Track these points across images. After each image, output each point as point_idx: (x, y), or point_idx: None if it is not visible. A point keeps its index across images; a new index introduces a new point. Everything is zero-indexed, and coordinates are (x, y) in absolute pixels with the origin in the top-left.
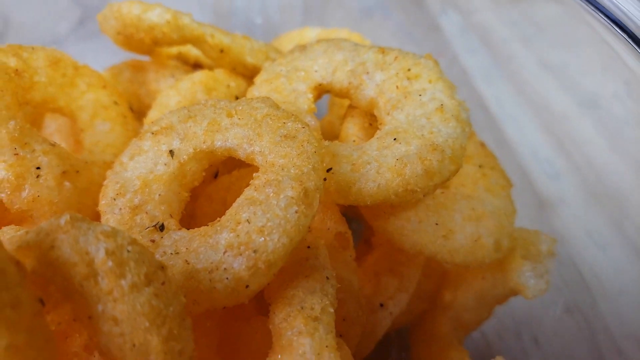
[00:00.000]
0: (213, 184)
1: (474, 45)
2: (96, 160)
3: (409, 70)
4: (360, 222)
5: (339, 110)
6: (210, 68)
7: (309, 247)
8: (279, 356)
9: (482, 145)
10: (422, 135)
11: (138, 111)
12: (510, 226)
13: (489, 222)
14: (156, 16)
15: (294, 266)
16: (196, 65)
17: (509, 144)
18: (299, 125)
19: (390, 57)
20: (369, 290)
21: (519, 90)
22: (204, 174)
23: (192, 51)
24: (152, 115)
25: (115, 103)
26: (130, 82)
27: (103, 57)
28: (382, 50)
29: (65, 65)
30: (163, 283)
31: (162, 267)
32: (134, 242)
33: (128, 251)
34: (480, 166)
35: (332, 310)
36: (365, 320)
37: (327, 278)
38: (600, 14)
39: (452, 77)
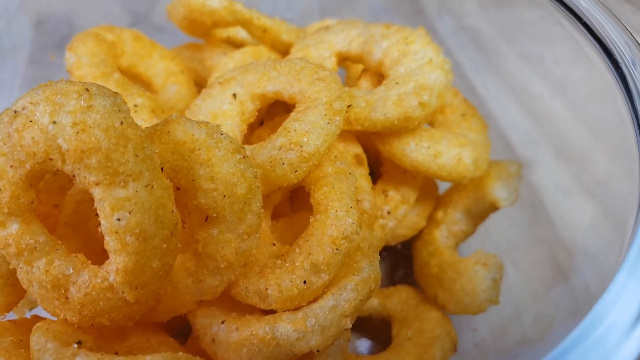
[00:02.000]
0: (261, 128)
1: (465, 43)
2: (173, 106)
3: (406, 38)
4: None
5: (353, 84)
6: None
7: (335, 156)
8: (318, 216)
9: (465, 100)
10: (416, 80)
11: (195, 82)
12: (486, 153)
13: (469, 148)
14: (217, 3)
15: (327, 163)
16: (241, 47)
17: (494, 119)
18: (327, 72)
19: (392, 29)
20: (380, 202)
21: (502, 77)
22: (256, 113)
23: (239, 35)
24: (214, 76)
25: (182, 71)
26: (189, 60)
27: None
28: (387, 26)
29: (144, 41)
30: (244, 157)
31: (243, 147)
32: (221, 129)
33: (220, 134)
34: (463, 115)
35: (353, 189)
36: (377, 214)
37: (350, 174)
38: (569, 15)
39: None
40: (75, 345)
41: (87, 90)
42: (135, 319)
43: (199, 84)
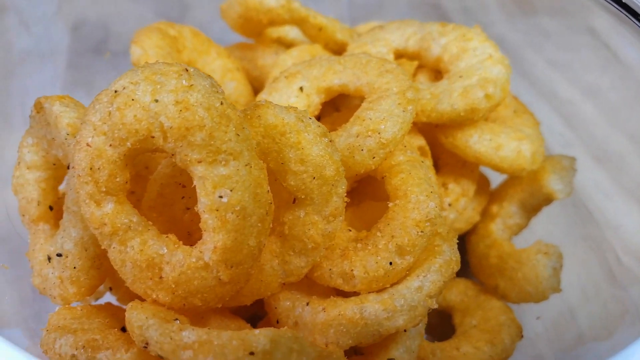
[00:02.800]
0: (321, 121)
1: None
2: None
3: (464, 35)
4: None
5: None
6: None
7: (405, 145)
8: (397, 201)
9: (515, 97)
10: (480, 73)
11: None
12: (541, 147)
13: (527, 141)
14: (274, 1)
15: (399, 152)
16: (291, 47)
17: None
18: (394, 65)
19: (449, 27)
20: (440, 194)
21: (532, 84)
22: (320, 106)
23: (289, 35)
24: (274, 72)
25: (237, 69)
26: (240, 59)
27: None
28: (443, 24)
29: (202, 37)
30: (331, 140)
31: (328, 131)
32: (308, 114)
33: (309, 118)
34: (515, 111)
35: (430, 175)
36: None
37: (422, 161)
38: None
39: None
40: (178, 321)
41: (187, 70)
42: (224, 300)
43: (251, 83)
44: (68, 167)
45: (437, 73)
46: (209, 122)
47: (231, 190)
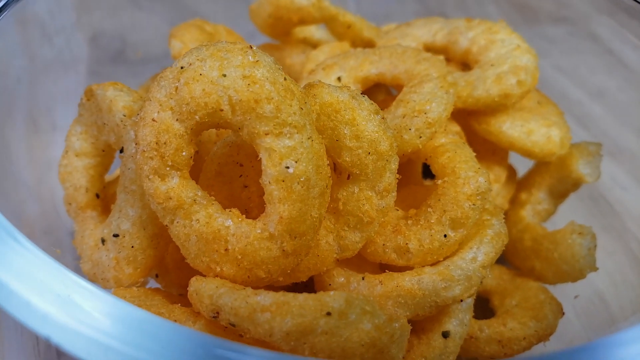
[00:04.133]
0: None
1: None
2: None
3: (490, 28)
4: None
5: None
6: None
7: (445, 129)
8: (446, 178)
9: (538, 90)
10: (510, 61)
11: None
12: (568, 133)
13: (555, 127)
14: (305, 0)
15: (441, 135)
16: (317, 47)
17: None
18: (429, 54)
19: (475, 22)
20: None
21: (541, 87)
22: None
23: (314, 35)
24: (308, 67)
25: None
26: None
27: None
28: (468, 20)
29: (235, 35)
30: (383, 117)
31: (380, 109)
32: (361, 93)
33: (362, 96)
34: (539, 102)
35: (474, 154)
36: None
37: (464, 143)
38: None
39: None
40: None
41: (251, 47)
42: (286, 273)
43: None
44: (121, 151)
45: (464, 66)
46: (276, 96)
47: (296, 162)
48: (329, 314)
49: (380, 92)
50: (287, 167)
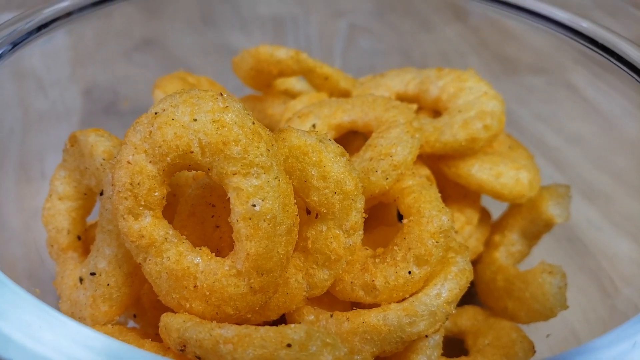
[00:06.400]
0: None
1: None
2: None
3: (460, 76)
4: None
5: None
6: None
7: (413, 172)
8: (411, 218)
9: (509, 135)
10: (477, 107)
11: None
12: (537, 176)
13: (524, 170)
14: (284, 53)
15: (408, 177)
16: (297, 97)
17: None
18: (398, 102)
19: (445, 71)
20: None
21: (520, 133)
22: None
23: (295, 87)
24: (286, 115)
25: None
26: (250, 110)
27: None
28: (439, 69)
29: (218, 86)
30: (348, 159)
31: (345, 151)
32: (327, 136)
33: (328, 139)
34: (509, 147)
35: (439, 195)
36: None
37: (430, 184)
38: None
39: None
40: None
41: (221, 94)
42: (254, 310)
43: None
44: (101, 194)
45: (435, 114)
46: (244, 138)
47: (263, 200)
48: (289, 345)
49: (357, 138)
50: (254, 205)
